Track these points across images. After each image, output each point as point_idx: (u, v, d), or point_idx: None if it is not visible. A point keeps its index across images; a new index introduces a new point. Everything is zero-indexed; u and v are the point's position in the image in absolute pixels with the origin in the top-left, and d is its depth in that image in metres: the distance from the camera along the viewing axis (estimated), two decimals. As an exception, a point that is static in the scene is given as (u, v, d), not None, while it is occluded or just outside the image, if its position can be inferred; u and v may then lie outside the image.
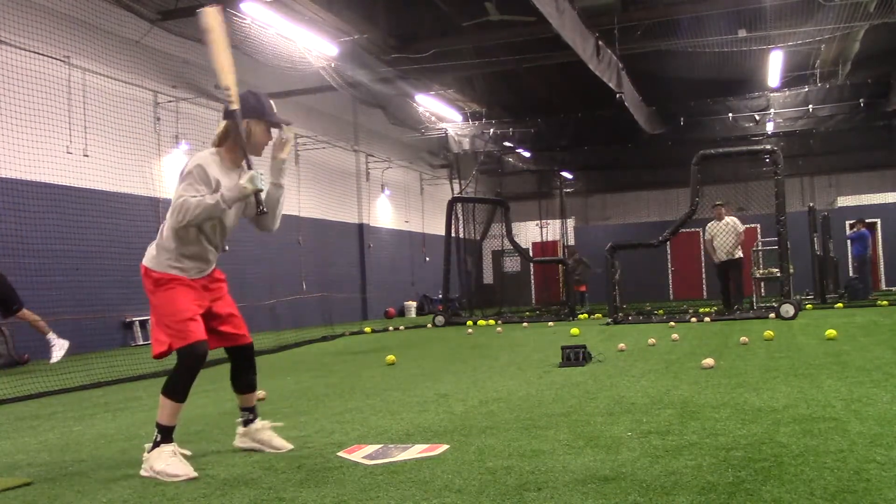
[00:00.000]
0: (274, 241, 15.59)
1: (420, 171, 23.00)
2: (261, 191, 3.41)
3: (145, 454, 3.30)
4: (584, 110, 18.13)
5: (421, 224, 22.94)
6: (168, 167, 13.14)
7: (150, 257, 3.46)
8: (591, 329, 11.01)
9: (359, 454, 3.41)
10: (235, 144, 3.48)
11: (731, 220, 12.93)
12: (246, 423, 3.69)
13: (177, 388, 3.33)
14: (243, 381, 3.65)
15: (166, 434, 3.30)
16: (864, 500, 2.40)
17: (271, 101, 3.60)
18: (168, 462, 3.20)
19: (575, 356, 6.51)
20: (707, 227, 13.22)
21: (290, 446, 3.64)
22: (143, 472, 3.26)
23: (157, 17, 11.11)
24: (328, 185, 17.89)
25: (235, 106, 3.46)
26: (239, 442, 3.71)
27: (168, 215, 3.34)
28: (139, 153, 12.47)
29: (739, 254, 12.94)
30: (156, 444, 3.28)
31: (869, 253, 16.93)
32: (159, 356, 3.42)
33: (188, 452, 3.41)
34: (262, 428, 3.67)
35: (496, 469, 3.01)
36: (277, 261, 15.82)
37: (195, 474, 3.18)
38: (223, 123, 3.51)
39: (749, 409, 3.99)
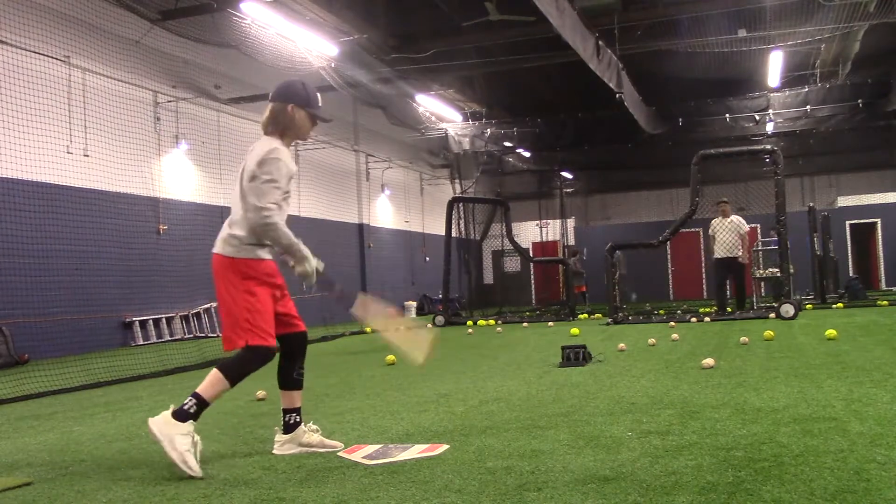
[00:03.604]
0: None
1: (420, 171, 23.00)
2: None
3: (168, 414, 3.17)
4: (584, 110, 18.13)
5: (421, 224, 22.95)
6: (168, 167, 13.15)
7: (235, 245, 3.37)
8: (591, 329, 11.00)
9: (359, 454, 3.41)
10: (284, 130, 3.50)
11: (735, 219, 12.80)
12: (288, 428, 3.52)
13: (237, 373, 3.31)
14: (290, 374, 3.55)
15: (199, 410, 3.22)
16: (864, 500, 2.40)
17: (318, 95, 3.60)
18: (188, 449, 3.14)
19: (575, 356, 6.51)
20: (711, 223, 12.92)
21: (340, 444, 3.59)
22: (155, 431, 3.15)
23: (157, 17, 11.10)
24: (328, 185, 17.90)
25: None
26: (280, 449, 3.52)
27: (252, 202, 3.33)
28: (139, 153, 12.47)
29: (741, 253, 12.70)
30: (185, 414, 3.17)
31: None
32: (232, 349, 3.39)
33: (200, 447, 3.31)
34: (314, 431, 3.57)
35: (496, 469, 3.01)
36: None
37: (201, 475, 3.14)
38: (269, 107, 3.51)
39: (749, 409, 3.99)
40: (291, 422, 3.54)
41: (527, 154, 21.78)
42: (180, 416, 3.19)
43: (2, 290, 9.89)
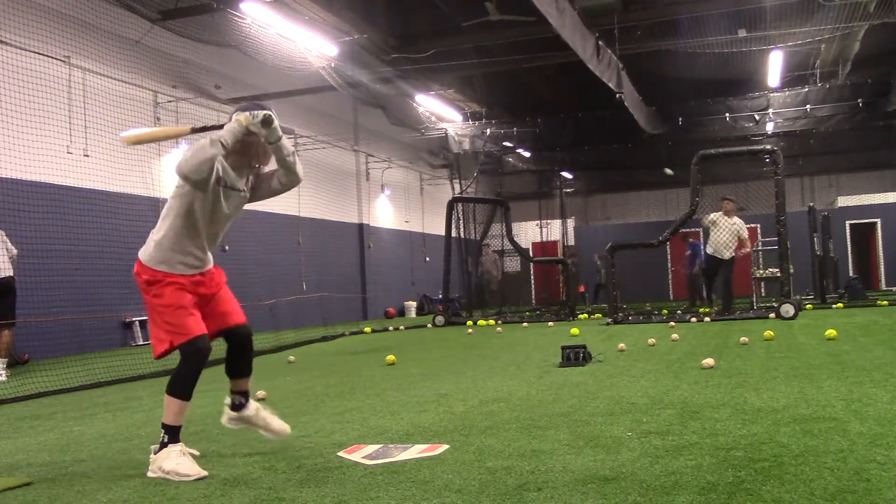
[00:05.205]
0: (274, 241, 15.60)
1: (420, 171, 23.00)
2: (267, 124, 3.35)
3: (152, 455, 3.27)
4: (584, 110, 18.13)
5: (421, 224, 22.95)
6: (168, 167, 13.14)
7: (145, 253, 3.43)
8: (591, 329, 11.00)
9: (359, 454, 3.40)
10: (240, 155, 3.49)
11: (737, 220, 12.70)
12: (236, 407, 3.61)
13: (181, 386, 3.30)
14: (236, 366, 3.58)
15: (173, 434, 3.27)
16: (864, 500, 2.40)
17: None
18: (177, 462, 3.18)
19: (575, 356, 6.50)
20: (713, 216, 12.57)
21: (288, 429, 3.65)
22: (150, 474, 3.23)
23: (157, 17, 11.10)
24: (328, 185, 17.89)
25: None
26: (228, 422, 3.65)
27: (176, 171, 3.32)
28: (139, 153, 12.46)
29: (731, 254, 12.61)
30: (163, 445, 3.25)
31: (694, 268, 17.07)
32: (161, 356, 3.37)
33: (196, 452, 3.40)
34: (258, 412, 3.63)
35: (496, 469, 3.01)
36: (277, 261, 15.82)
37: (205, 474, 3.16)
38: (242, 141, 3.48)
39: (749, 409, 3.99)
40: (237, 402, 3.62)
41: (527, 154, 21.78)
42: (161, 448, 3.27)
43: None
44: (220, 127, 3.46)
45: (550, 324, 12.97)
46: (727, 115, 17.33)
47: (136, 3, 10.64)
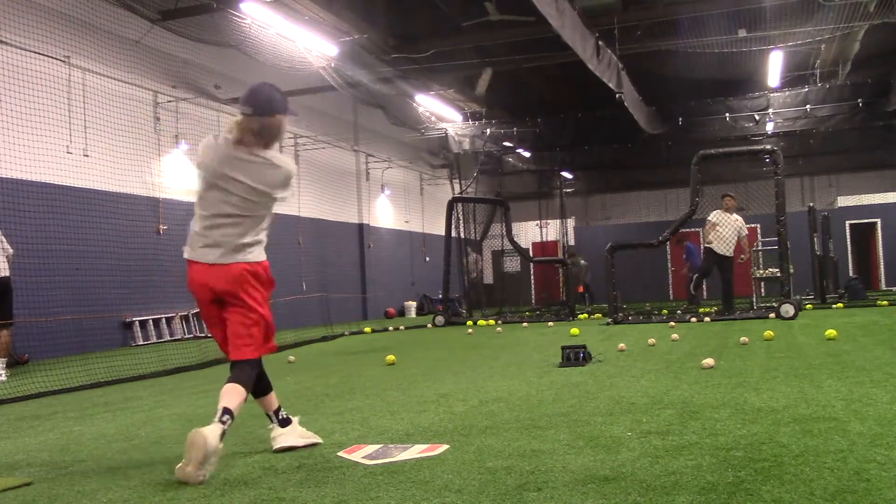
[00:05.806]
0: (274, 241, 15.56)
1: (420, 171, 23.01)
2: None
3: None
4: (584, 110, 18.13)
5: (421, 224, 22.95)
6: (168, 167, 13.15)
7: (252, 252, 3.58)
8: (591, 329, 11.00)
9: (359, 454, 3.40)
10: (256, 138, 3.45)
11: (738, 218, 12.60)
12: (284, 422, 3.59)
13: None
14: (261, 382, 3.55)
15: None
16: (864, 500, 2.40)
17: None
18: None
19: (575, 356, 6.50)
20: (713, 214, 12.43)
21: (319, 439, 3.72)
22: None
23: (157, 17, 11.11)
24: (328, 185, 17.90)
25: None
26: (283, 441, 3.56)
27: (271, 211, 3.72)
28: (139, 153, 12.47)
29: (732, 253, 12.53)
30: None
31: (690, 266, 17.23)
32: (251, 357, 3.45)
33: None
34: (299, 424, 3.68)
35: (496, 469, 3.01)
36: (277, 261, 15.71)
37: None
38: (245, 119, 3.39)
39: (749, 409, 3.99)
40: (284, 417, 3.63)
41: (527, 154, 21.78)
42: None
43: (2, 290, 9.87)
44: None
45: (550, 324, 12.97)
46: (727, 115, 17.33)
47: (136, 3, 10.65)
